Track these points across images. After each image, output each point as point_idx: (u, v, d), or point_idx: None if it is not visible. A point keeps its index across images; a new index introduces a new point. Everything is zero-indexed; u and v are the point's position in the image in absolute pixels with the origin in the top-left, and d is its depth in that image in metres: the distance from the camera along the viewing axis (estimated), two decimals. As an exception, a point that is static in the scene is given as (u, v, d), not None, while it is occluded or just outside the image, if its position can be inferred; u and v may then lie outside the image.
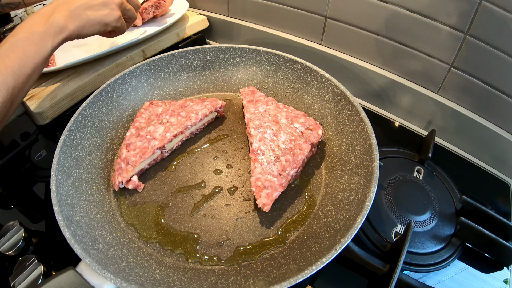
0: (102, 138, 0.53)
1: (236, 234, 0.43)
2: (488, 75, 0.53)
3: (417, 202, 0.51)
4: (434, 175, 0.55)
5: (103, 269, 0.35)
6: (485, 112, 0.56)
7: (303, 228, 0.43)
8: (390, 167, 0.55)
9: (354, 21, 0.61)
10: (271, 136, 0.47)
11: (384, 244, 0.47)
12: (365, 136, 0.46)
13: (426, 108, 0.62)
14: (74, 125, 0.49)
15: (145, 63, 0.57)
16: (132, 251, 0.42)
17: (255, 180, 0.43)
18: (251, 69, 0.59)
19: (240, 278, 0.38)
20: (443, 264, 0.46)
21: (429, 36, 0.55)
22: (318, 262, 0.34)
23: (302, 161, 0.46)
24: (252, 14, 0.76)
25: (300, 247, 0.40)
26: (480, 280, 0.44)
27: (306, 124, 0.50)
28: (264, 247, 0.42)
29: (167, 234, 0.44)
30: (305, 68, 0.55)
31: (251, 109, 0.52)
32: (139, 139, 0.49)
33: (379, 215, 0.49)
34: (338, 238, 0.37)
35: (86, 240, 0.39)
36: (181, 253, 0.42)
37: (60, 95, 0.60)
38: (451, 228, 0.49)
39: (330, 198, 0.45)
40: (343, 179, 0.46)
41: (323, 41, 0.68)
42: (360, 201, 0.40)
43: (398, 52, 0.60)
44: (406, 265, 0.45)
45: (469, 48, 0.52)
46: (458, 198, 0.52)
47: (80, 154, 0.49)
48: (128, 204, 0.47)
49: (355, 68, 0.66)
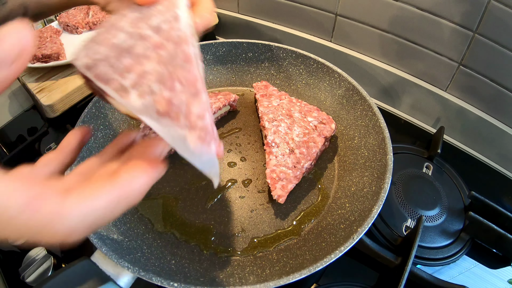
0: (114, 130, 0.53)
1: (251, 225, 0.43)
2: (496, 74, 0.54)
3: (426, 197, 0.51)
4: (442, 171, 0.56)
5: (120, 258, 0.35)
6: (493, 110, 0.57)
7: (317, 220, 0.44)
8: (400, 163, 0.56)
9: (364, 19, 0.62)
10: (285, 129, 0.48)
11: (395, 238, 0.47)
12: (378, 130, 0.46)
13: (435, 105, 0.62)
14: (88, 116, 0.49)
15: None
16: (146, 242, 0.42)
17: (270, 172, 0.44)
18: (263, 64, 0.60)
19: (256, 268, 0.39)
20: (452, 258, 0.46)
21: (438, 34, 0.56)
22: (336, 251, 0.34)
23: (316, 154, 0.47)
24: (262, 11, 0.76)
25: (315, 238, 0.41)
26: (483, 280, 0.45)
27: (319, 118, 0.50)
28: (279, 239, 0.42)
29: (182, 226, 0.44)
30: (317, 63, 0.56)
31: (265, 102, 0.52)
32: (153, 131, 0.50)
33: (390, 209, 0.50)
34: (354, 228, 0.37)
35: (101, 230, 0.39)
36: (196, 244, 0.42)
37: (71, 87, 0.60)
38: (460, 223, 0.49)
39: (344, 191, 0.46)
40: (356, 172, 0.46)
41: (333, 39, 0.69)
42: (374, 193, 0.40)
43: (407, 49, 0.61)
44: (416, 259, 0.45)
45: (478, 46, 0.53)
46: (466, 194, 0.53)
47: (93, 146, 0.49)
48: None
49: (364, 66, 0.67)
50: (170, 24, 0.24)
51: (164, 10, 0.25)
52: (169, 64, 0.22)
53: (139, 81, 0.22)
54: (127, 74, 0.22)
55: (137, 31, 0.23)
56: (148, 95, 0.21)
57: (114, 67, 0.22)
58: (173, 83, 0.22)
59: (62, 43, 0.69)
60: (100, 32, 0.24)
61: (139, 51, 0.23)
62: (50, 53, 0.63)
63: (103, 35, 0.24)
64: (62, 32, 0.74)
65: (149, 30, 0.24)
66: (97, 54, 0.23)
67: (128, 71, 0.22)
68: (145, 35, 0.23)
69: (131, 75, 0.22)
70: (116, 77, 0.22)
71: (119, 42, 0.23)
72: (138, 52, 0.23)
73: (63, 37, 0.72)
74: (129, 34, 0.23)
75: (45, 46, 0.65)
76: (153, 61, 0.22)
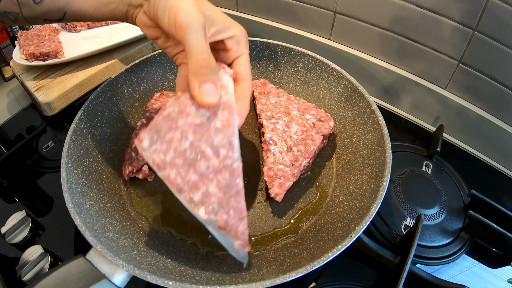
0: (112, 128, 0.53)
1: (248, 224, 0.43)
2: (496, 72, 0.53)
3: (426, 196, 0.51)
4: (442, 169, 0.55)
5: (115, 256, 0.34)
6: (493, 109, 0.57)
7: (315, 218, 0.43)
8: (399, 161, 0.55)
9: (363, 17, 0.62)
10: (283, 126, 0.47)
11: (394, 236, 0.47)
12: (376, 127, 0.46)
13: (434, 104, 0.62)
14: (85, 114, 0.49)
15: (156, 54, 0.57)
16: (142, 240, 0.41)
17: (268, 170, 0.43)
18: (261, 61, 0.60)
19: (253, 267, 0.38)
20: (452, 257, 0.46)
21: (438, 31, 0.56)
22: (334, 250, 0.34)
23: (314, 151, 0.47)
24: (261, 9, 0.76)
25: (313, 237, 0.40)
26: (483, 280, 0.45)
27: (318, 115, 0.50)
28: (277, 237, 0.42)
29: (179, 224, 0.44)
30: (315, 61, 0.55)
31: (263, 100, 0.52)
32: (150, 129, 0.49)
33: (388, 208, 0.50)
34: (352, 227, 0.37)
35: (97, 228, 0.38)
36: (193, 242, 0.42)
37: (68, 85, 0.60)
38: (459, 222, 0.49)
39: (342, 189, 0.45)
40: (355, 170, 0.46)
41: (332, 36, 0.69)
42: (373, 191, 0.40)
43: (406, 47, 0.60)
44: (416, 258, 0.45)
45: (478, 44, 0.53)
46: (466, 193, 0.52)
47: (90, 143, 0.48)
48: (138, 194, 0.47)
49: (364, 64, 0.67)
50: (227, 150, 0.31)
51: (221, 126, 0.31)
52: (227, 193, 0.31)
53: (205, 200, 0.31)
54: (196, 191, 0.30)
55: (199, 144, 0.31)
56: (212, 214, 0.31)
57: (184, 180, 0.31)
58: (229, 209, 0.31)
59: (61, 41, 0.68)
60: (162, 123, 0.31)
61: (202, 170, 0.31)
62: (48, 51, 0.63)
63: (167, 131, 0.31)
64: (61, 30, 0.74)
65: (209, 148, 0.31)
66: (165, 155, 0.31)
67: (196, 188, 0.31)
68: (207, 155, 0.31)
69: (199, 192, 0.31)
70: (186, 189, 0.30)
71: (183, 149, 0.31)
72: (202, 171, 0.31)
73: (61, 35, 0.72)
74: (191, 144, 0.31)
75: (43, 44, 0.65)
76: (214, 185, 0.31)
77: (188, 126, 0.31)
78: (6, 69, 0.78)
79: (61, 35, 0.72)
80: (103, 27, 0.74)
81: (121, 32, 0.70)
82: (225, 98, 0.32)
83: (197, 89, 0.31)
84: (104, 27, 0.74)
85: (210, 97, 0.30)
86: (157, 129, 0.31)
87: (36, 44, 0.65)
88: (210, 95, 0.31)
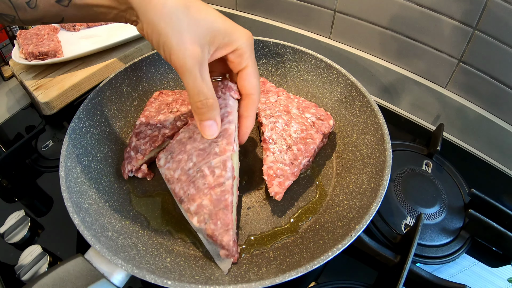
0: (111, 127, 0.52)
1: (248, 223, 0.43)
2: (496, 70, 0.53)
3: (426, 195, 0.51)
4: (442, 168, 0.55)
5: (114, 256, 0.34)
6: (493, 108, 0.57)
7: (315, 218, 0.43)
8: (399, 160, 0.55)
9: (363, 15, 0.62)
10: (283, 125, 0.47)
11: (394, 235, 0.47)
12: (376, 126, 0.46)
13: (434, 103, 0.62)
14: (84, 113, 0.49)
15: (155, 53, 0.57)
16: (142, 239, 0.41)
17: (267, 168, 0.43)
18: (261, 60, 0.59)
19: (252, 266, 0.38)
20: (452, 256, 0.46)
21: (437, 30, 0.55)
22: (334, 249, 0.34)
23: (314, 150, 0.46)
24: (260, 8, 0.76)
25: (312, 236, 0.40)
26: (483, 279, 0.44)
27: (317, 114, 0.50)
28: (276, 236, 0.42)
29: (178, 223, 0.43)
30: (315, 59, 0.55)
31: (262, 99, 0.52)
32: (149, 128, 0.49)
33: (389, 207, 0.49)
34: (352, 226, 0.36)
35: (95, 227, 0.38)
36: (193, 241, 0.42)
37: (67, 85, 0.60)
38: (459, 221, 0.49)
39: (342, 188, 0.45)
40: (355, 169, 0.46)
41: (331, 35, 0.69)
42: (373, 190, 0.40)
43: (406, 46, 0.60)
44: (416, 257, 0.45)
45: (478, 43, 0.53)
46: (466, 192, 0.52)
47: (89, 142, 0.48)
48: (137, 193, 0.47)
49: (363, 62, 0.66)
50: (221, 170, 0.37)
51: (219, 152, 0.38)
52: (216, 206, 0.36)
53: (198, 210, 0.37)
54: (192, 202, 0.37)
55: (200, 165, 0.38)
56: (203, 223, 0.36)
57: (185, 193, 0.38)
58: (217, 221, 0.36)
59: (60, 40, 0.68)
60: (175, 146, 0.41)
61: (200, 186, 0.38)
62: (47, 51, 0.63)
63: (177, 153, 0.40)
64: (60, 29, 0.74)
65: (207, 169, 0.38)
66: (174, 172, 0.40)
67: (193, 200, 0.37)
68: (205, 174, 0.38)
69: (195, 204, 0.37)
70: (186, 200, 0.38)
71: (187, 168, 0.39)
72: (199, 187, 0.38)
73: (60, 34, 0.72)
74: (194, 164, 0.39)
75: (42, 44, 0.64)
76: (207, 199, 0.37)
77: (193, 150, 0.39)
78: (5, 68, 0.78)
79: (60, 34, 0.72)
80: (102, 26, 0.74)
81: (120, 31, 0.70)
82: (225, 127, 0.38)
83: (199, 125, 0.36)
84: (104, 26, 0.74)
85: (209, 133, 0.36)
86: (170, 151, 0.41)
87: (35, 43, 0.65)
88: (209, 131, 0.36)
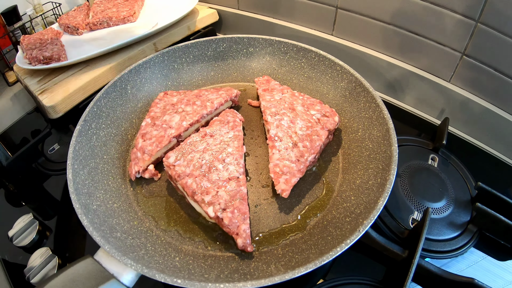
0: (117, 128, 0.53)
1: (256, 221, 0.43)
2: (500, 63, 0.53)
3: (433, 189, 0.51)
4: (448, 162, 0.55)
5: (123, 256, 0.34)
6: (498, 101, 0.56)
7: (322, 214, 0.43)
8: (405, 155, 0.55)
9: (365, 11, 0.61)
10: (288, 123, 0.47)
11: (401, 230, 0.47)
12: (381, 121, 0.46)
13: (439, 97, 0.61)
14: (89, 115, 0.49)
15: (158, 54, 0.57)
16: (150, 239, 0.41)
17: (273, 166, 0.43)
18: (264, 59, 0.59)
19: (261, 264, 0.38)
20: (460, 250, 0.45)
21: (440, 24, 0.55)
22: (342, 244, 0.34)
23: (320, 147, 0.46)
24: (262, 6, 0.76)
25: (320, 232, 0.40)
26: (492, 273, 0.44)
27: (322, 111, 0.50)
28: (284, 234, 0.42)
29: (186, 223, 0.44)
30: (319, 56, 0.55)
31: (267, 97, 0.52)
32: (155, 128, 0.49)
33: (396, 202, 0.49)
34: (360, 221, 0.36)
35: (104, 228, 0.38)
36: (201, 240, 0.42)
37: (72, 88, 0.60)
38: (467, 215, 0.48)
39: (349, 184, 0.45)
40: (361, 165, 0.46)
41: (334, 32, 0.69)
42: (380, 185, 0.40)
43: (409, 41, 0.60)
44: (424, 252, 0.45)
45: (481, 35, 0.52)
46: (473, 185, 0.52)
47: (96, 144, 0.49)
48: (145, 194, 0.47)
49: (367, 58, 0.66)
50: (234, 166, 0.43)
51: (232, 152, 0.45)
52: (233, 197, 0.40)
53: (213, 201, 0.40)
54: (206, 194, 0.41)
55: (213, 162, 0.43)
56: (219, 212, 0.39)
57: (198, 186, 0.41)
58: (234, 210, 0.39)
59: (63, 44, 0.69)
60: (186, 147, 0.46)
61: (214, 179, 0.42)
62: (51, 55, 0.63)
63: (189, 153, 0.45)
64: (63, 33, 0.74)
65: (221, 165, 0.43)
66: (186, 168, 0.43)
67: (207, 192, 0.41)
68: (219, 169, 0.43)
69: (209, 195, 0.41)
70: (199, 193, 0.41)
71: (200, 165, 0.43)
72: (213, 180, 0.42)
73: (63, 38, 0.72)
74: (207, 161, 0.44)
75: (46, 48, 0.65)
76: (223, 191, 0.41)
77: (206, 150, 0.45)
78: (9, 74, 0.78)
79: (63, 38, 0.73)
80: (105, 29, 0.74)
81: (123, 33, 0.70)
82: (237, 133, 0.48)
83: None
84: (106, 29, 0.74)
85: None
86: (181, 151, 0.45)
87: (38, 48, 0.65)
88: None
